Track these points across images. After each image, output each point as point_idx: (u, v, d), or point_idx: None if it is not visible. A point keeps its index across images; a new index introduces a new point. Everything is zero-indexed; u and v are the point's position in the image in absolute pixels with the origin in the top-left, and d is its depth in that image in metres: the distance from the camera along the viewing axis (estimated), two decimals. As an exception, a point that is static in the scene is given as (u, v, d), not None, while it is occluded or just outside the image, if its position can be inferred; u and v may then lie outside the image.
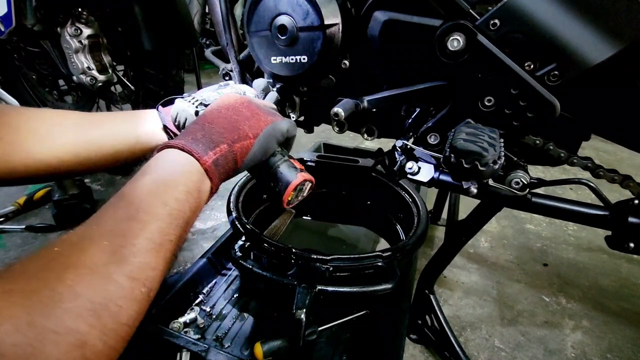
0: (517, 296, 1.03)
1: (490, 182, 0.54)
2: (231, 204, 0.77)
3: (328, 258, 0.63)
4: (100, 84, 1.28)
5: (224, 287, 0.79)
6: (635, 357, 0.87)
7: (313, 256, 0.63)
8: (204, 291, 0.77)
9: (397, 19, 0.55)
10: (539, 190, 0.56)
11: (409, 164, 0.59)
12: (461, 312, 0.97)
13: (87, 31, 1.21)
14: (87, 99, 1.50)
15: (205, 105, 0.56)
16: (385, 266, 0.63)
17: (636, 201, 0.51)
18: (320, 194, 1.03)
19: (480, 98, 0.53)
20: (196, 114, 0.55)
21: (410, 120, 0.61)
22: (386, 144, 1.46)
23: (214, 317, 0.72)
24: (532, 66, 0.50)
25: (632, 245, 0.51)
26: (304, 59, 0.60)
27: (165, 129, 0.59)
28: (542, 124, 0.52)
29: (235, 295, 0.77)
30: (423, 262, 0.86)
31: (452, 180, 0.57)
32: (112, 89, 1.44)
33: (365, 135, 0.69)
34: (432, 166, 0.59)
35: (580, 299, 1.03)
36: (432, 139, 0.59)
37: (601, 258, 1.19)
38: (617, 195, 0.57)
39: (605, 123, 0.56)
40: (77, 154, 0.53)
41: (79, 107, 1.51)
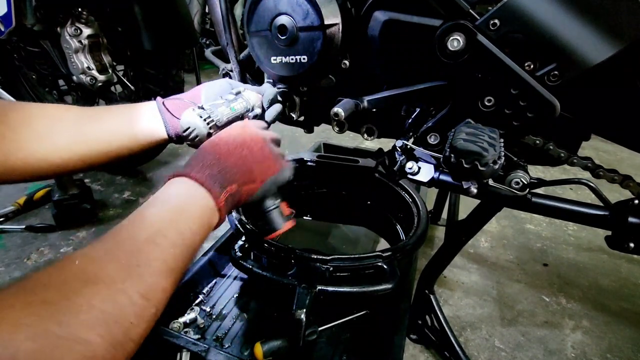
0: (517, 296, 1.03)
1: (490, 182, 0.54)
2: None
3: (328, 258, 0.63)
4: (100, 84, 1.28)
5: (224, 287, 0.79)
6: (635, 357, 0.87)
7: (313, 256, 0.63)
8: (204, 291, 0.77)
9: (397, 19, 0.55)
10: (539, 190, 0.56)
11: (409, 164, 0.59)
12: (461, 312, 0.97)
13: (87, 31, 1.21)
14: (87, 99, 1.50)
15: (218, 126, 0.56)
16: (385, 266, 0.63)
17: (636, 201, 0.51)
18: (320, 194, 1.03)
19: (480, 98, 0.53)
20: (208, 135, 0.55)
21: (410, 120, 0.61)
22: (386, 144, 1.46)
23: (214, 317, 0.72)
24: (532, 66, 0.50)
25: (632, 245, 0.51)
26: (304, 58, 0.60)
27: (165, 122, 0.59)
28: (542, 124, 0.52)
29: (235, 295, 0.77)
30: (423, 262, 0.86)
31: (452, 180, 0.57)
32: (112, 89, 1.44)
33: (365, 135, 0.69)
34: (432, 166, 0.59)
35: (580, 299, 1.03)
36: (432, 139, 0.59)
37: (601, 258, 1.19)
38: (617, 195, 0.57)
39: (605, 123, 0.56)
40: (77, 150, 0.53)
41: (79, 107, 1.51)
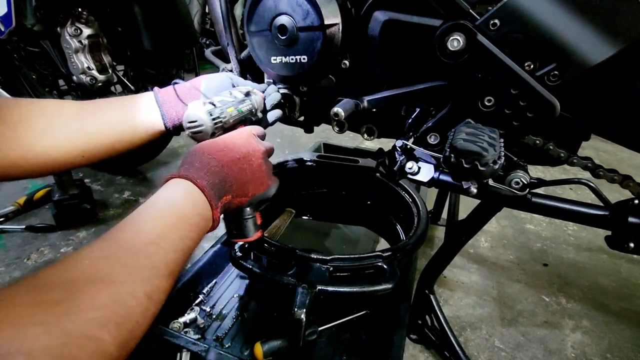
0: (517, 296, 1.03)
1: (490, 182, 0.54)
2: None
3: (328, 258, 0.63)
4: (100, 84, 1.28)
5: (224, 287, 0.79)
6: (635, 357, 0.87)
7: (313, 256, 0.63)
8: (204, 291, 0.77)
9: (397, 19, 0.55)
10: (539, 190, 0.56)
11: (409, 164, 0.59)
12: (461, 312, 0.97)
13: (87, 31, 1.21)
14: (87, 99, 1.50)
15: (224, 127, 0.55)
16: (385, 266, 0.63)
17: (636, 201, 0.51)
18: (320, 194, 1.03)
19: (480, 98, 0.53)
20: (212, 134, 0.54)
21: (410, 120, 0.61)
22: (386, 144, 1.46)
23: (214, 317, 0.72)
24: (532, 66, 0.50)
25: (632, 245, 0.51)
26: (304, 58, 0.60)
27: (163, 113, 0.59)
28: (542, 124, 0.52)
29: (235, 295, 0.77)
30: (423, 262, 0.86)
31: (452, 180, 0.57)
32: (112, 89, 1.44)
33: (365, 135, 0.69)
34: (432, 166, 0.59)
35: (580, 299, 1.03)
36: (432, 139, 0.59)
37: (601, 258, 1.19)
38: (617, 195, 0.57)
39: (605, 123, 0.56)
40: (76, 145, 0.53)
41: (79, 107, 1.51)
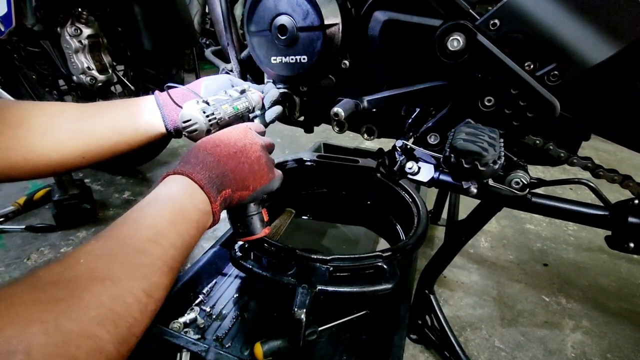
0: (517, 296, 1.03)
1: (490, 182, 0.54)
2: (231, 204, 0.77)
3: (328, 258, 0.63)
4: (100, 84, 1.28)
5: (224, 287, 0.79)
6: (635, 357, 0.87)
7: (313, 256, 0.63)
8: (204, 291, 0.77)
9: (397, 19, 0.55)
10: (539, 190, 0.56)
11: (409, 164, 0.59)
12: (461, 312, 0.97)
13: (87, 31, 1.21)
14: (87, 99, 1.50)
15: (219, 124, 0.55)
16: (385, 266, 0.63)
17: (636, 201, 0.51)
18: (320, 194, 1.03)
19: (480, 98, 0.53)
20: (208, 131, 0.54)
21: (410, 120, 0.61)
22: (386, 144, 1.46)
23: (214, 317, 0.72)
24: (532, 66, 0.50)
25: (632, 245, 0.51)
26: (304, 58, 0.60)
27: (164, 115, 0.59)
28: (542, 124, 0.52)
29: (235, 295, 0.77)
30: (423, 262, 0.86)
31: (452, 180, 0.57)
32: (112, 89, 1.44)
33: (365, 135, 0.69)
34: (432, 166, 0.59)
35: (580, 299, 1.03)
36: (432, 139, 0.59)
37: (601, 258, 1.19)
38: (617, 195, 0.57)
39: (605, 123, 0.56)
40: (77, 146, 0.54)
41: (79, 107, 1.51)
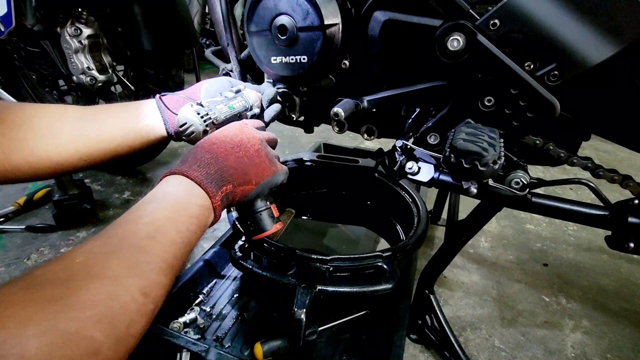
0: (517, 296, 1.03)
1: (490, 182, 0.54)
2: (231, 204, 0.77)
3: (328, 258, 0.63)
4: (100, 84, 1.28)
5: (224, 287, 0.79)
6: (635, 357, 0.87)
7: (313, 256, 0.63)
8: (204, 291, 0.77)
9: (397, 19, 0.55)
10: (539, 190, 0.56)
11: (409, 164, 0.59)
12: (461, 312, 0.97)
13: (87, 31, 1.21)
14: (87, 99, 1.50)
15: (215, 124, 0.55)
16: (385, 266, 0.63)
17: (636, 201, 0.51)
18: (320, 194, 1.03)
19: (480, 98, 0.53)
20: (204, 132, 0.54)
21: (410, 120, 0.61)
22: (386, 144, 1.46)
23: (214, 317, 0.72)
24: (532, 66, 0.50)
25: (632, 245, 0.51)
26: (304, 59, 0.60)
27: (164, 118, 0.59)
28: (542, 124, 0.52)
29: (235, 295, 0.77)
30: (423, 262, 0.86)
31: (452, 180, 0.57)
32: (112, 89, 1.44)
33: (365, 135, 0.69)
34: (432, 166, 0.59)
35: (580, 299, 1.03)
36: (432, 139, 0.59)
37: (601, 258, 1.19)
38: (617, 195, 0.57)
39: (605, 123, 0.56)
40: (78, 149, 0.54)
41: (79, 107, 1.51)
